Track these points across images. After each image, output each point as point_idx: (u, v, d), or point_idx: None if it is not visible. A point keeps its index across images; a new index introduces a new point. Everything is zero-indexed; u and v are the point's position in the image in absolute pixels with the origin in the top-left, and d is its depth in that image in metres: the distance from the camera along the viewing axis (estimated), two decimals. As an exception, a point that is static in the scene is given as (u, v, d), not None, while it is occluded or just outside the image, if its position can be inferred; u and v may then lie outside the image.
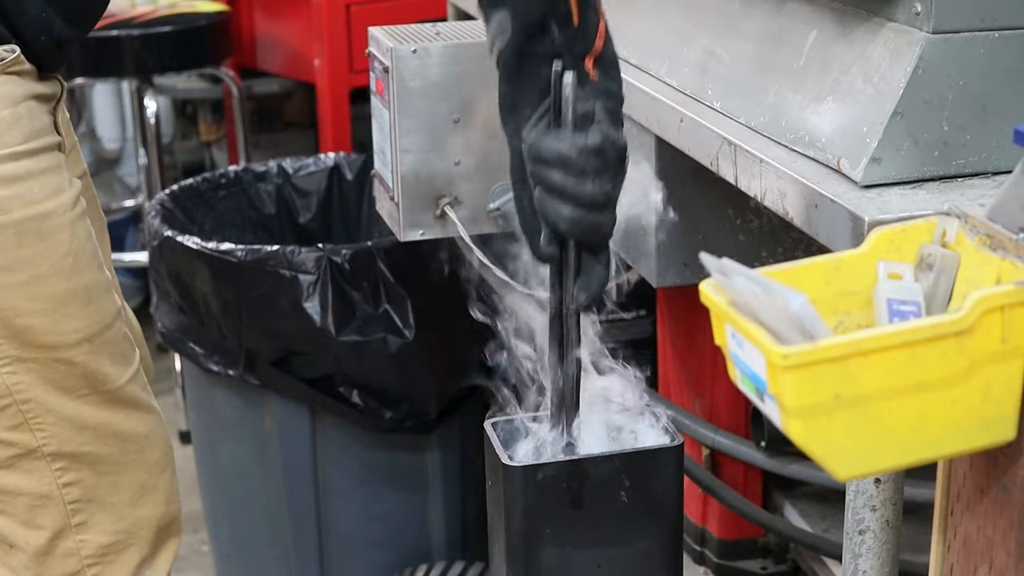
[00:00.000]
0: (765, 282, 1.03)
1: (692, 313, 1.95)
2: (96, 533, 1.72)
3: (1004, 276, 1.07)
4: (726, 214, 1.78)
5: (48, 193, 1.60)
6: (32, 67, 1.60)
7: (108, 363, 1.67)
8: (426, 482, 2.50)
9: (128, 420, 1.71)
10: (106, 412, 1.68)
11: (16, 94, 1.58)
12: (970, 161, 1.36)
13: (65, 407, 1.65)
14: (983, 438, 1.05)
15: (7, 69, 1.56)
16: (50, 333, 1.61)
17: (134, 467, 1.73)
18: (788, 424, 1.01)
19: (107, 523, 1.72)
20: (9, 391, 1.62)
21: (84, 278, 1.64)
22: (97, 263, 1.66)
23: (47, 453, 1.66)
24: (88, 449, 1.68)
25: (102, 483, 1.70)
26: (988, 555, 1.11)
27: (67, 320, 1.62)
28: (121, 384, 1.69)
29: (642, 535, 1.54)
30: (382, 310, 2.33)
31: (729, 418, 1.98)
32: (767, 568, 2.08)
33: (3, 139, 1.56)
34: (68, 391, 1.65)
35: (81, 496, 1.69)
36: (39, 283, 1.60)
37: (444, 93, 1.87)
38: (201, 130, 4.22)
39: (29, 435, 1.65)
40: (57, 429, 1.66)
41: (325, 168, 2.79)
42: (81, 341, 1.64)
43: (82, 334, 1.64)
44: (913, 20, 1.35)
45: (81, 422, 1.67)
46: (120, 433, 1.70)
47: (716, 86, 1.62)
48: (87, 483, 1.69)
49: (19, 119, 1.58)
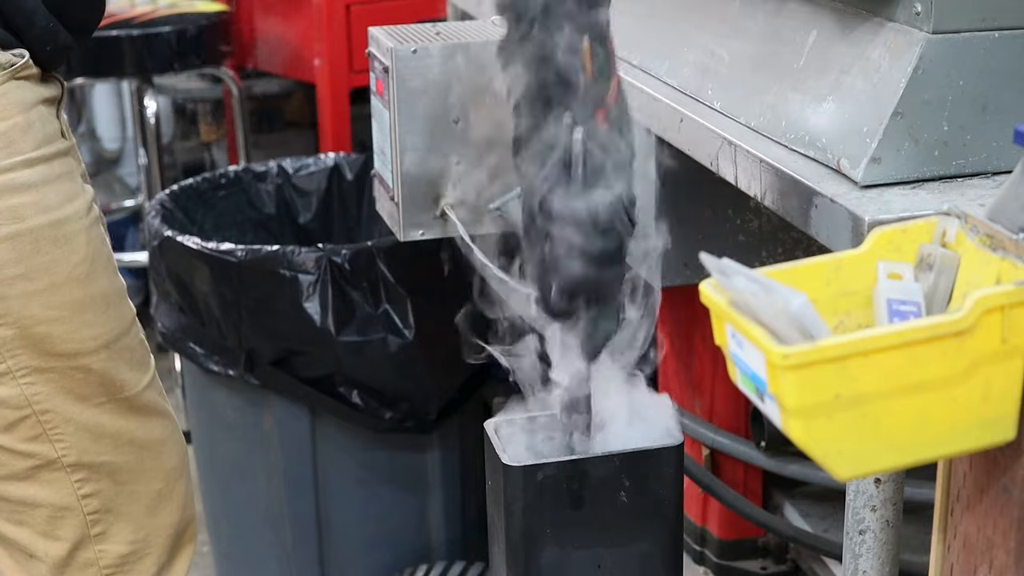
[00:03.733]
0: (765, 282, 1.03)
1: (692, 313, 1.95)
2: (115, 543, 1.71)
3: (1004, 276, 1.07)
4: (726, 214, 1.78)
5: (63, 199, 1.59)
6: (37, 70, 1.59)
7: (126, 369, 1.66)
8: (426, 482, 2.50)
9: (145, 427, 1.70)
10: (123, 420, 1.67)
11: (28, 99, 1.57)
12: (970, 161, 1.36)
13: (83, 416, 1.64)
14: (983, 438, 1.05)
15: (18, 74, 1.56)
16: (68, 341, 1.60)
17: (151, 475, 1.72)
18: (788, 424, 1.01)
19: (126, 532, 1.71)
20: (28, 402, 1.61)
21: (101, 284, 1.63)
22: (112, 268, 1.66)
23: (67, 464, 1.65)
24: (106, 458, 1.67)
25: (121, 492, 1.70)
26: (988, 555, 1.11)
27: (85, 327, 1.61)
28: (139, 391, 1.68)
29: (642, 535, 1.54)
30: (382, 310, 2.33)
31: (729, 418, 1.98)
32: (767, 568, 2.08)
33: (17, 146, 1.54)
34: (86, 399, 1.64)
35: (100, 507, 1.69)
36: (56, 290, 1.59)
37: (444, 93, 1.87)
38: (201, 130, 4.22)
39: (48, 446, 1.64)
40: (76, 439, 1.65)
41: (325, 168, 2.79)
42: (99, 348, 1.63)
43: (100, 341, 1.63)
44: (913, 20, 1.35)
45: (99, 431, 1.66)
46: (137, 440, 1.69)
47: (716, 86, 1.62)
48: (107, 493, 1.69)
49: (31, 124, 1.57)
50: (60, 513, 1.68)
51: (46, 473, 1.65)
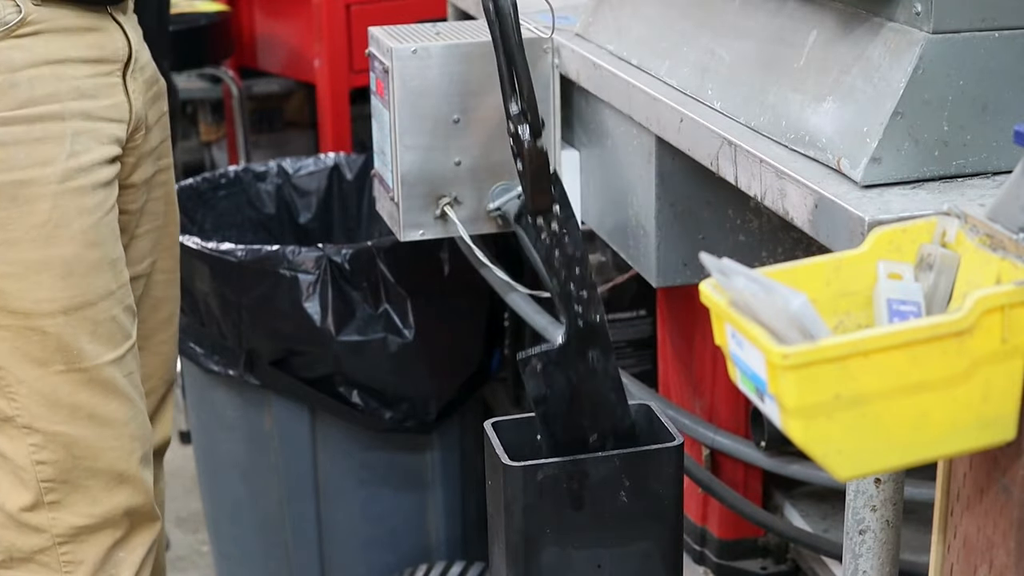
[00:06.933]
0: (765, 282, 1.03)
1: (692, 313, 1.94)
2: (70, 514, 1.71)
3: (1004, 276, 1.07)
4: (726, 214, 1.78)
5: (33, 162, 1.60)
6: (57, 24, 1.59)
7: (87, 340, 1.66)
8: (426, 482, 2.50)
9: (106, 405, 1.69)
10: (83, 392, 1.67)
11: (16, 61, 1.58)
12: (970, 161, 1.36)
13: (39, 381, 1.65)
14: (983, 438, 1.05)
15: (12, 33, 1.57)
16: (21, 299, 1.62)
17: (112, 455, 1.71)
18: (788, 424, 1.01)
19: (81, 505, 1.71)
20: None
21: (64, 251, 1.63)
22: (90, 241, 1.65)
23: (21, 425, 1.67)
24: (62, 429, 1.67)
25: (78, 466, 1.70)
26: (988, 555, 1.11)
27: (38, 288, 1.62)
28: (98, 363, 1.67)
29: (642, 535, 1.54)
30: (382, 310, 2.33)
31: (729, 418, 1.98)
32: (767, 568, 2.07)
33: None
34: (42, 363, 1.65)
35: (55, 476, 1.69)
36: (11, 247, 1.61)
37: (444, 93, 1.87)
38: (201, 130, 4.22)
39: (5, 402, 1.66)
40: (29, 402, 1.66)
41: (325, 168, 2.79)
42: (55, 312, 1.63)
43: (56, 305, 1.63)
44: (913, 20, 1.35)
45: (55, 399, 1.66)
46: (97, 417, 1.69)
47: (716, 86, 1.62)
48: (62, 465, 1.69)
49: (15, 85, 1.58)
50: (17, 472, 1.69)
51: (8, 428, 1.68)
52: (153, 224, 1.86)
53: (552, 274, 1.56)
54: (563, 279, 1.56)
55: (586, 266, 1.56)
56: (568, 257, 1.56)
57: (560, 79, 1.95)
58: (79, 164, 1.63)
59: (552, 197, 1.55)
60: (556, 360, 1.56)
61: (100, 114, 1.66)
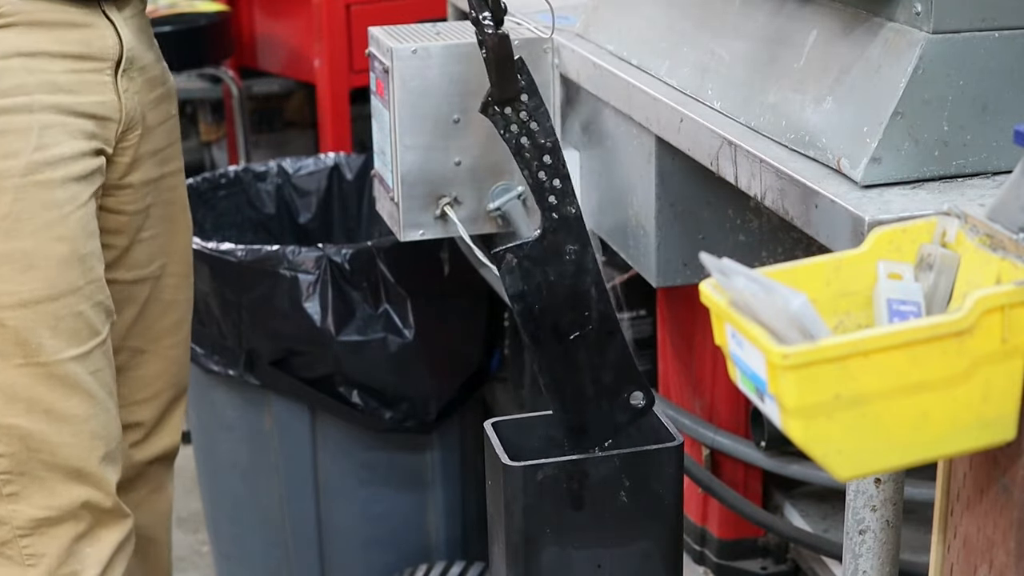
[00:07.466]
0: (765, 282, 1.03)
1: (692, 313, 1.94)
2: (27, 506, 1.69)
3: (1004, 276, 1.07)
4: (726, 214, 1.78)
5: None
6: (34, 18, 1.58)
7: (47, 335, 1.64)
8: (426, 482, 2.50)
9: (65, 400, 1.67)
10: (41, 386, 1.65)
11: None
12: (970, 161, 1.36)
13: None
14: (983, 438, 1.05)
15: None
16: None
17: (71, 451, 1.69)
18: (788, 424, 1.01)
19: (38, 498, 1.69)
20: None
21: (24, 244, 1.61)
22: (58, 236, 1.63)
23: None
24: (17, 422, 1.66)
25: (34, 459, 1.68)
26: (988, 555, 1.11)
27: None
28: (58, 359, 1.65)
29: (642, 535, 1.54)
30: (382, 310, 2.33)
31: (729, 418, 1.98)
32: (767, 568, 2.07)
33: None
34: (2, 357, 1.63)
35: (11, 468, 1.67)
36: None
37: (444, 93, 1.87)
38: (201, 130, 4.22)
39: None
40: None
41: (325, 168, 2.79)
42: (14, 305, 1.62)
43: (15, 299, 1.62)
44: (913, 20, 1.35)
45: (12, 392, 1.64)
46: (55, 412, 1.67)
47: (716, 86, 1.62)
48: (19, 457, 1.67)
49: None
50: None
51: None
52: (161, 228, 1.85)
53: (523, 165, 1.52)
54: (534, 169, 1.52)
55: (559, 156, 1.52)
56: (539, 147, 1.52)
57: (560, 79, 1.95)
58: (45, 157, 1.61)
59: (519, 85, 1.51)
60: (531, 254, 1.52)
61: (77, 109, 1.64)
